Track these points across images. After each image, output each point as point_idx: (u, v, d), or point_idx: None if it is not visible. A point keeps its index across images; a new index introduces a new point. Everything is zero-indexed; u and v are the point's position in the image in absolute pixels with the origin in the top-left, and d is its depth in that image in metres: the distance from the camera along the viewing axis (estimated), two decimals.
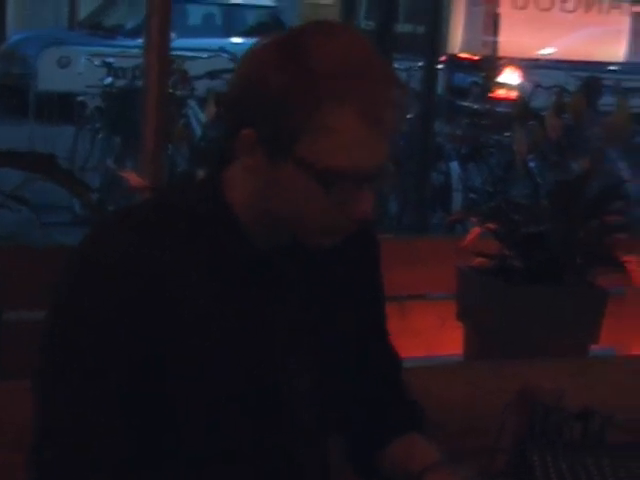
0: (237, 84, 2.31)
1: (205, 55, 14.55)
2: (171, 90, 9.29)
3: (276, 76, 2.16)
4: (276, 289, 2.43)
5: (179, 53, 11.48)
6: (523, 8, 14.76)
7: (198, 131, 12.32)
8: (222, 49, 15.71)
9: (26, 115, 15.11)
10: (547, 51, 14.46)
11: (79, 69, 16.00)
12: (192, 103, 12.55)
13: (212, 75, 12.93)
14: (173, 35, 4.37)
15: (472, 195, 11.58)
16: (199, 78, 12.75)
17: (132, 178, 4.18)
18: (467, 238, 4.45)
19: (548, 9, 15.28)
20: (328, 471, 2.66)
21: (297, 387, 2.48)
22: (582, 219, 4.28)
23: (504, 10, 14.23)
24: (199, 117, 12.49)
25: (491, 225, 4.36)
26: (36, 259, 3.94)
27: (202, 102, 12.57)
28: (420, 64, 10.90)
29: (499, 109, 12.94)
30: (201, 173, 2.82)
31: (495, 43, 14.10)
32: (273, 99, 2.17)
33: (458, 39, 13.92)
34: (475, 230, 4.43)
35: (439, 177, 11.71)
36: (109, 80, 12.95)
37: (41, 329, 2.37)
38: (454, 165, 11.88)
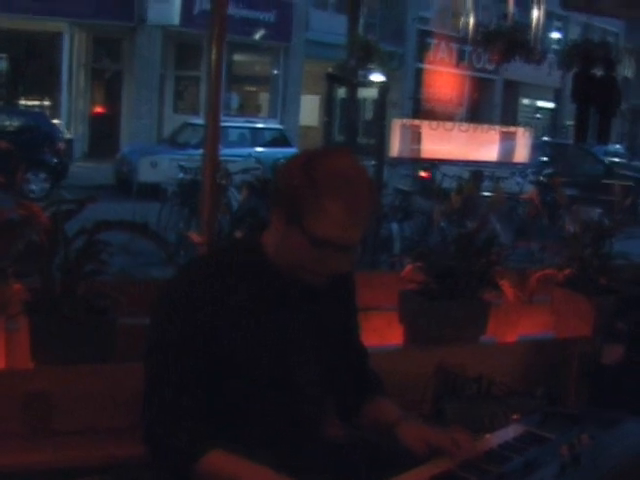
0: (275, 182, 2.47)
1: (240, 159, 14.60)
2: (219, 181, 9.39)
3: (294, 178, 2.31)
4: (293, 307, 2.51)
5: (224, 158, 11.55)
6: (435, 129, 14.84)
7: (235, 206, 12.34)
8: (250, 155, 15.81)
9: (130, 196, 15.15)
10: (450, 154, 14.58)
11: (164, 168, 16.09)
12: (231, 189, 12.57)
13: (244, 171, 13.00)
14: (220, 146, 4.37)
15: (406, 243, 11.61)
16: (236, 173, 12.78)
17: (195, 236, 4.19)
18: (404, 271, 4.45)
19: (451, 129, 15.34)
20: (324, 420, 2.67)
21: (305, 368, 2.54)
22: (474, 258, 4.28)
23: (424, 130, 14.37)
24: (236, 198, 12.52)
25: (419, 263, 4.36)
26: (136, 286, 3.96)
27: (238, 188, 12.62)
28: (372, 163, 10.91)
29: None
30: (239, 233, 2.90)
31: (419, 150, 14.21)
32: (292, 193, 2.30)
33: (396, 147, 13.93)
34: (409, 266, 4.42)
35: (384, 232, 11.74)
36: (181, 175, 13.03)
37: (147, 328, 2.47)
38: (394, 225, 11.94)
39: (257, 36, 26.68)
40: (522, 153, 15.17)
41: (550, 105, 42.10)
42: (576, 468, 2.31)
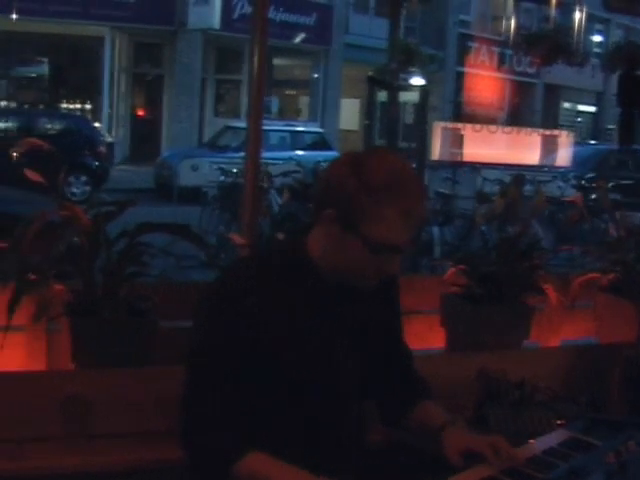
0: (323, 183, 2.44)
1: (280, 162, 14.62)
2: (260, 183, 9.41)
3: (346, 182, 2.30)
4: (338, 311, 2.49)
5: (264, 160, 11.61)
6: (477, 132, 14.76)
7: (276, 209, 12.36)
8: (291, 158, 15.84)
9: (171, 200, 15.22)
10: (491, 157, 14.49)
11: (204, 172, 16.14)
12: (272, 192, 12.60)
13: (285, 174, 13.04)
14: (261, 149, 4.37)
15: (446, 247, 11.55)
16: (276, 176, 12.81)
17: (236, 238, 4.18)
18: (446, 275, 4.41)
19: (494, 132, 15.26)
20: (363, 424, 2.64)
21: (349, 372, 2.52)
22: (517, 262, 4.24)
23: (466, 133, 14.29)
24: (277, 200, 12.54)
25: (461, 266, 4.32)
26: (177, 289, 3.96)
27: (279, 191, 12.65)
28: (413, 166, 10.88)
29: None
30: (280, 236, 2.89)
31: (460, 153, 14.15)
32: (347, 199, 2.30)
33: (437, 150, 13.90)
34: (451, 270, 4.38)
35: (425, 236, 11.70)
36: (222, 178, 13.07)
37: (188, 331, 2.48)
38: (435, 229, 11.89)
39: (297, 40, 26.75)
40: (564, 156, 15.04)
41: (591, 109, 41.83)
42: (623, 476, 2.27)
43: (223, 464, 2.28)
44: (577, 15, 10.59)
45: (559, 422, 2.98)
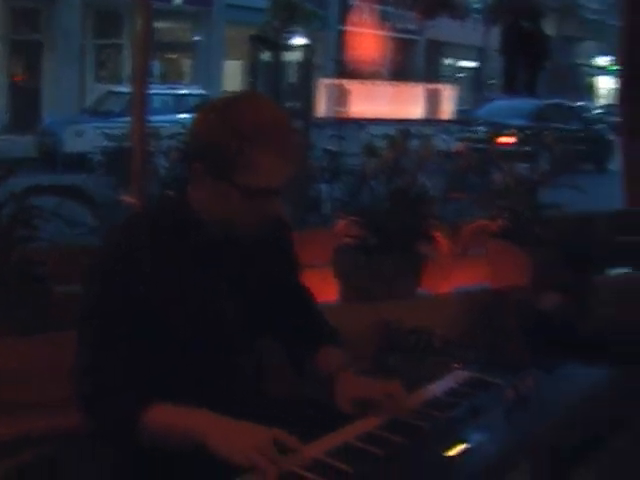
0: (191, 134, 2.37)
1: (166, 125, 14.42)
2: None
3: (214, 132, 2.26)
4: (226, 262, 2.46)
5: (150, 124, 11.46)
6: (363, 86, 14.81)
7: (162, 172, 12.22)
8: (176, 121, 15.65)
9: (55, 168, 14.93)
10: (376, 113, 14.58)
11: (89, 137, 15.88)
12: (159, 155, 12.45)
13: (171, 137, 12.88)
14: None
15: (335, 204, 11.58)
16: (162, 139, 12.64)
17: (127, 199, 4.12)
18: (338, 226, 4.41)
19: (379, 86, 15.36)
20: (261, 367, 2.62)
21: (232, 322, 2.48)
22: (407, 212, 4.26)
23: (351, 88, 14.31)
24: (163, 163, 12.41)
25: (353, 218, 4.33)
26: (70, 253, 3.86)
27: (165, 154, 12.50)
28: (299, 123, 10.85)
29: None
30: (169, 193, 2.84)
31: (345, 110, 14.19)
32: (217, 147, 2.24)
33: (322, 108, 13.90)
34: (343, 221, 4.39)
35: (314, 193, 11.72)
36: (106, 143, 12.88)
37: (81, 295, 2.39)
38: (323, 185, 11.93)
39: (177, 1, 26.36)
40: (448, 110, 15.21)
41: (473, 64, 42.35)
42: (522, 410, 2.31)
43: (127, 422, 2.23)
44: None
45: (457, 366, 3.00)
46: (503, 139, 17.74)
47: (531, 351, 3.70)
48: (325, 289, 4.30)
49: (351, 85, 14.44)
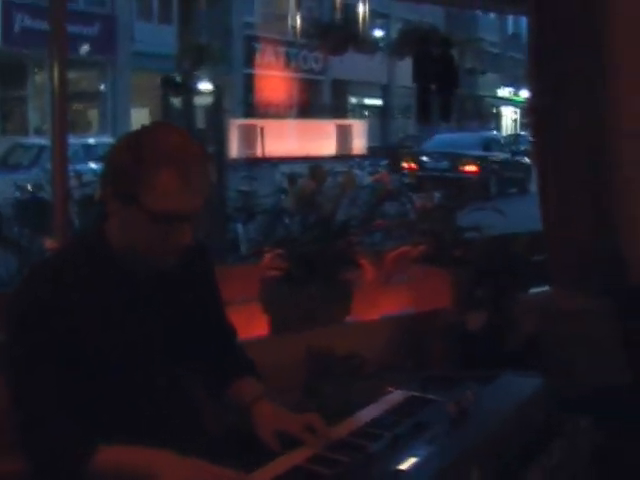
0: (104, 166, 2.39)
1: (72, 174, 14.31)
2: None
3: (122, 157, 2.28)
4: (144, 292, 2.45)
5: None
6: (273, 125, 14.96)
7: (76, 222, 12.08)
8: (87, 170, 15.54)
9: None
10: (289, 151, 14.68)
11: None
12: (71, 204, 12.31)
13: (84, 185, 12.78)
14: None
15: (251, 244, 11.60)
16: (75, 188, 12.51)
17: (49, 242, 4.07)
18: (264, 260, 4.39)
19: (288, 124, 15.55)
20: (185, 395, 2.59)
21: (154, 349, 2.45)
22: (331, 240, 4.28)
23: (262, 127, 14.40)
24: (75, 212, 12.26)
25: (278, 250, 4.33)
26: None
27: (78, 203, 12.34)
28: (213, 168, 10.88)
29: None
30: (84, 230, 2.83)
31: (257, 150, 14.24)
32: (122, 172, 2.27)
33: (234, 148, 13.94)
34: (268, 255, 4.38)
35: (230, 234, 11.74)
36: (17, 194, 12.71)
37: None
38: (239, 226, 11.94)
39: (82, 51, 26.18)
40: (359, 145, 15.36)
41: (378, 102, 42.84)
42: (465, 422, 2.32)
43: (75, 466, 2.19)
44: (361, 8, 10.84)
45: (390, 389, 3.01)
46: (468, 167, 21.06)
47: (462, 369, 3.74)
48: (254, 323, 4.29)
49: (262, 124, 14.52)
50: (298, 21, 11.02)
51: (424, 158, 22.10)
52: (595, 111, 4.72)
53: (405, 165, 21.60)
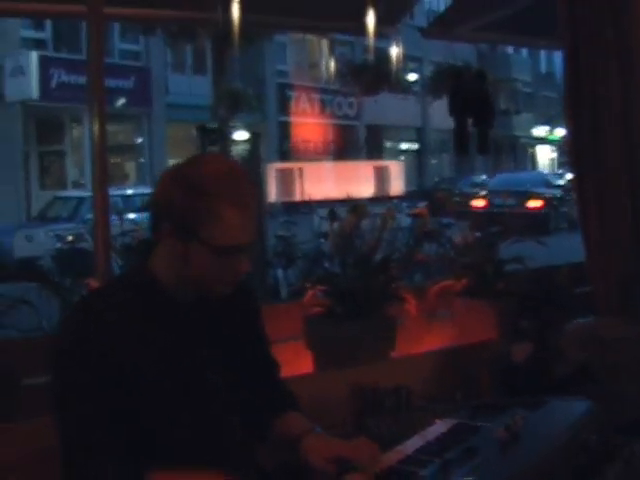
0: (154, 201, 2.37)
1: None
2: None
3: (177, 193, 2.28)
4: (193, 329, 2.43)
5: None
6: (312, 168, 15.03)
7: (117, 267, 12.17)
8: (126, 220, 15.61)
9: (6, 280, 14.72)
10: (326, 194, 14.73)
11: (40, 240, 15.79)
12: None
13: (123, 234, 12.84)
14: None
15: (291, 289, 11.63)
16: (115, 237, 12.59)
17: (93, 282, 4.10)
18: (306, 298, 4.41)
19: (326, 167, 15.65)
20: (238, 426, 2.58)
21: (221, 393, 2.46)
22: (373, 275, 4.28)
23: (299, 171, 14.46)
24: (118, 262, 12.34)
25: (320, 287, 4.34)
26: (40, 343, 3.82)
27: (118, 252, 12.40)
28: None
29: None
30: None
31: (296, 193, 14.28)
32: (180, 208, 2.27)
33: (272, 192, 14.01)
34: (310, 292, 4.39)
35: (270, 280, 11.77)
36: (58, 245, 12.83)
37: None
38: (279, 271, 11.97)
39: (118, 104, 26.52)
40: (397, 186, 15.40)
41: (414, 146, 42.93)
42: (516, 446, 2.31)
43: None
44: (394, 50, 10.89)
45: (438, 421, 2.99)
46: (532, 204, 22.99)
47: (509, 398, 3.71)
48: (299, 361, 4.30)
49: (299, 166, 14.58)
50: (332, 66, 11.09)
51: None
52: (634, 148, 4.73)
53: (475, 204, 23.05)
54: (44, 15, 9.62)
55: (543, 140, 51.28)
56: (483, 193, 24.92)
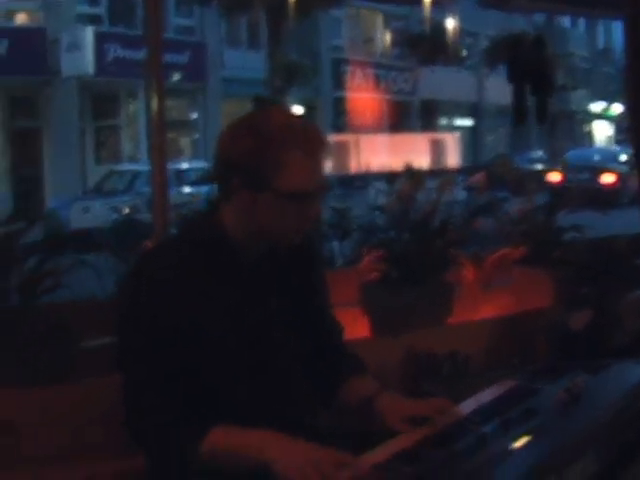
0: (221, 157, 2.37)
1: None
2: None
3: (245, 144, 2.28)
4: (261, 281, 2.44)
5: None
6: (366, 140, 14.96)
7: None
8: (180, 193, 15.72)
9: (64, 250, 14.90)
10: (382, 167, 14.65)
11: (96, 213, 15.94)
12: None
13: (180, 206, 12.98)
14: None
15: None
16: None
17: (149, 243, 4.12)
18: (363, 263, 4.40)
19: (381, 138, 15.55)
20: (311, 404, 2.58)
21: (287, 347, 2.47)
22: (431, 240, 4.26)
23: (354, 142, 14.39)
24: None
25: (377, 253, 4.33)
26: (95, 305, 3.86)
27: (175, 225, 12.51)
28: None
29: None
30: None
31: (350, 165, 14.22)
32: (251, 157, 2.26)
33: (327, 164, 13.96)
34: (367, 258, 4.38)
35: (326, 252, 11.74)
36: (115, 216, 12.95)
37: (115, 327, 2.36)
38: (335, 243, 11.94)
39: (174, 79, 26.60)
40: (453, 159, 15.29)
41: (468, 122, 42.58)
42: (576, 407, 2.28)
43: (187, 448, 2.21)
44: (450, 22, 10.84)
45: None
46: (606, 179, 23.93)
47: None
48: (355, 327, 4.29)
49: (354, 139, 14.52)
50: (387, 40, 11.05)
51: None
52: None
53: (550, 179, 23.42)
54: None
55: (600, 116, 50.66)
56: (558, 168, 25.54)
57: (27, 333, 3.31)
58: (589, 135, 51.22)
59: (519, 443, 2.05)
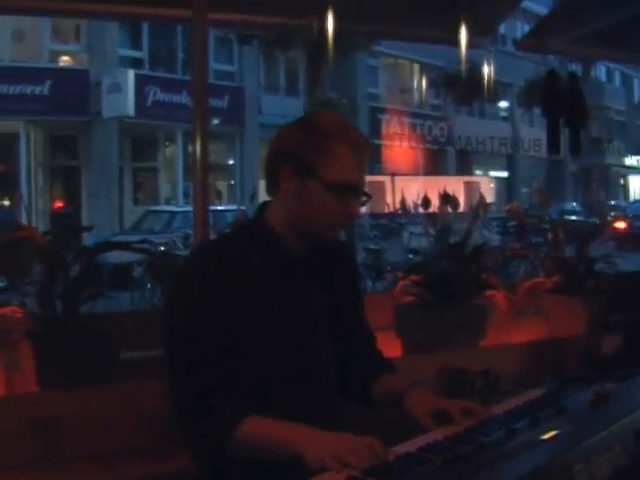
0: (272, 150, 2.51)
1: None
2: None
3: (297, 134, 2.44)
4: (304, 274, 2.53)
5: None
6: (400, 182, 14.96)
7: None
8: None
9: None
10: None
11: None
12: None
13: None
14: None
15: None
16: None
17: None
18: (397, 288, 4.46)
19: (416, 181, 15.52)
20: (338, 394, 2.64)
21: (324, 342, 2.55)
22: (465, 264, 4.31)
23: (390, 185, 14.33)
24: None
25: (411, 278, 4.38)
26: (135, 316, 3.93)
27: None
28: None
29: None
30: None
31: (386, 205, 14.20)
32: (300, 146, 2.42)
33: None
34: (401, 283, 4.45)
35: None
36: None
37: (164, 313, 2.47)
38: (368, 283, 12.02)
39: (213, 123, 26.86)
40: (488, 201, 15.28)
41: (503, 174, 42.54)
42: (606, 407, 2.32)
43: (223, 434, 2.27)
44: (485, 69, 10.90)
45: None
46: None
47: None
48: (388, 350, 4.33)
49: (389, 180, 14.59)
50: (423, 89, 11.16)
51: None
52: None
53: (615, 226, 24.17)
54: (149, 18, 9.83)
55: (635, 169, 50.52)
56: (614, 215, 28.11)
57: (71, 337, 3.39)
58: (624, 188, 51.05)
59: (548, 435, 2.09)
